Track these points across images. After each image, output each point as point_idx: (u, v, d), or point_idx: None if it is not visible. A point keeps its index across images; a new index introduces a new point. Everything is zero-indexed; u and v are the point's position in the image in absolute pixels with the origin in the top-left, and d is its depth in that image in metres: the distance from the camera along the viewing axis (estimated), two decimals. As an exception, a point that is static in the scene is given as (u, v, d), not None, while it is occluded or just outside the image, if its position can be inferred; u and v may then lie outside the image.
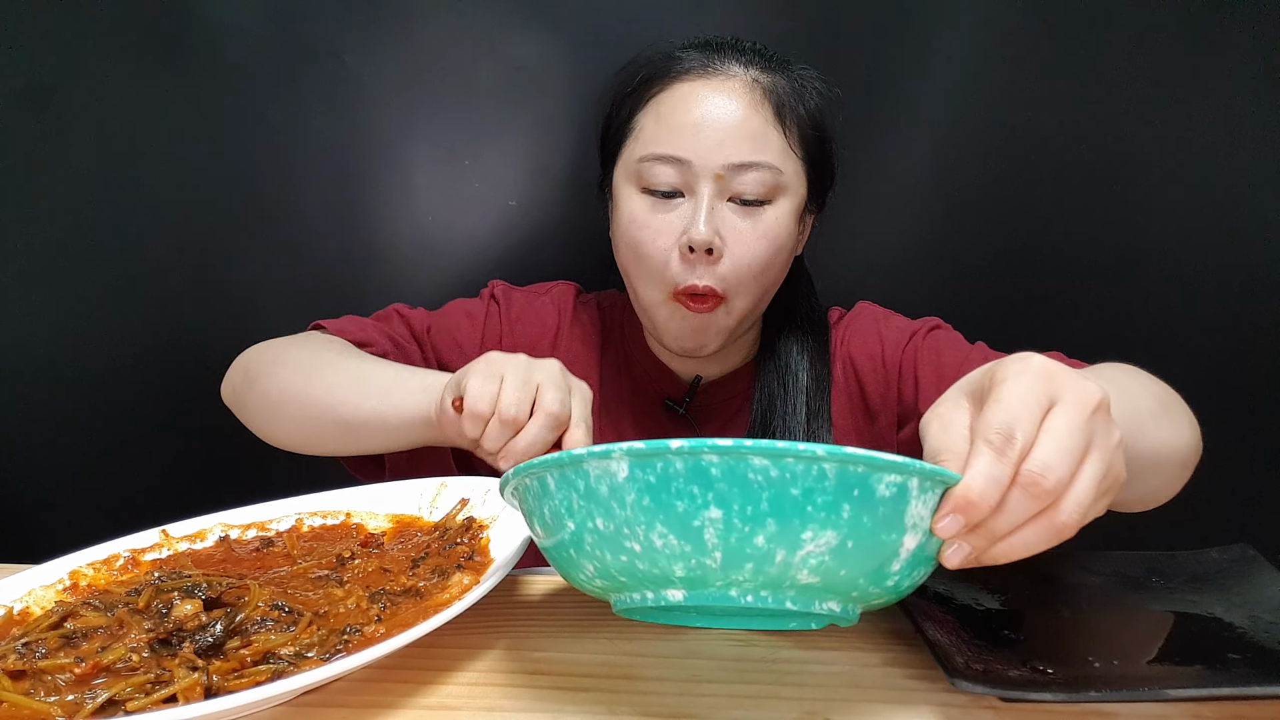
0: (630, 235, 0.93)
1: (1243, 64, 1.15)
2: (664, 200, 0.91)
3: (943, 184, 1.23)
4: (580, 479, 0.51)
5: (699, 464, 0.47)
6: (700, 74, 0.91)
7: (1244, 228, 1.20)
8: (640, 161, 0.92)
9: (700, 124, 0.89)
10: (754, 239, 0.90)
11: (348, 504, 0.85)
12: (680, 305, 0.92)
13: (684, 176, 0.90)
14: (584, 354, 1.08)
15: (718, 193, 0.90)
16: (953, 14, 1.16)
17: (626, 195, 0.94)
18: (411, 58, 1.20)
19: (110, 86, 1.19)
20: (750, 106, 0.89)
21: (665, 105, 0.92)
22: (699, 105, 0.90)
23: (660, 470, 0.48)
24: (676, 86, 0.92)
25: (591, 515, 0.51)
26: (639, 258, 0.93)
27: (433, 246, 1.26)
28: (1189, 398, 1.26)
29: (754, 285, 0.93)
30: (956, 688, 0.57)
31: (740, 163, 0.88)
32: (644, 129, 0.93)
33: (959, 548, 0.50)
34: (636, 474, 0.49)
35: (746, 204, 0.90)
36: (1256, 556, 0.73)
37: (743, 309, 0.94)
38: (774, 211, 0.91)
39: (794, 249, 0.98)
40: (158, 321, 1.29)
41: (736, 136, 0.89)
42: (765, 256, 0.91)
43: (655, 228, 0.91)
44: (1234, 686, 0.57)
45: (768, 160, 0.89)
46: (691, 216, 0.89)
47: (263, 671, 0.56)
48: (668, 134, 0.90)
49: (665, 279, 0.92)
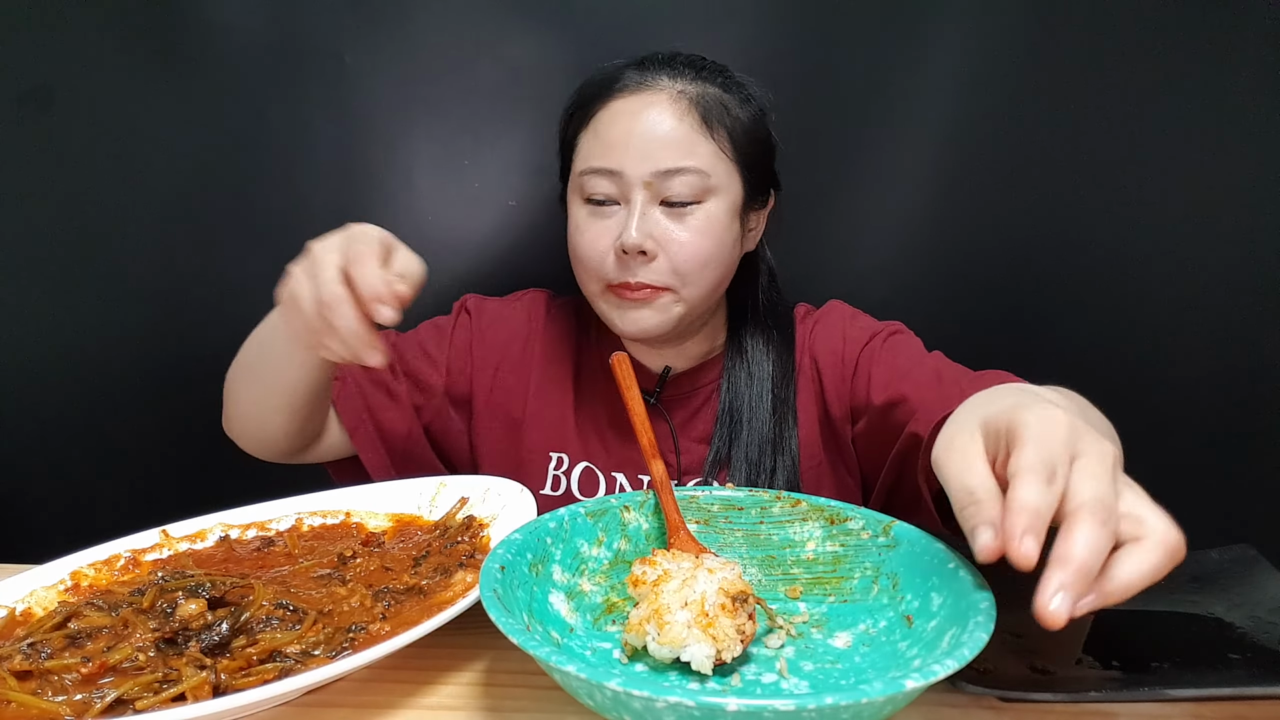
0: (573, 240, 1.02)
1: (1243, 64, 1.15)
2: (602, 208, 0.99)
3: (942, 184, 1.23)
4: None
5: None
6: (633, 91, 0.98)
7: (1244, 228, 1.20)
8: (581, 175, 1.00)
9: (629, 137, 0.96)
10: (687, 238, 0.97)
11: (348, 503, 0.86)
12: (614, 295, 1.00)
13: (618, 186, 0.97)
14: (560, 354, 1.14)
15: (649, 199, 0.97)
16: (953, 14, 1.16)
17: (573, 206, 1.02)
18: (411, 58, 1.20)
19: (111, 86, 1.19)
20: (676, 116, 0.96)
21: (602, 123, 0.99)
22: (628, 120, 0.97)
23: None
24: (611, 104, 0.98)
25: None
26: (579, 259, 1.02)
27: (433, 246, 1.25)
28: (1189, 398, 1.26)
29: (700, 277, 0.99)
30: (957, 688, 0.57)
31: (666, 169, 0.95)
32: (584, 145, 1.01)
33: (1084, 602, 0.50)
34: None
35: (677, 206, 0.97)
36: (1257, 557, 0.73)
37: (692, 297, 1.00)
38: (704, 211, 0.97)
39: (738, 244, 1.04)
40: (158, 321, 1.28)
41: (662, 145, 0.95)
42: (703, 252, 0.98)
43: (594, 233, 0.99)
44: (1234, 687, 0.58)
45: (694, 165, 0.96)
46: (625, 222, 0.96)
47: (270, 670, 0.57)
48: (602, 149, 0.98)
49: (601, 275, 0.99)
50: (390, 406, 1.08)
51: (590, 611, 0.67)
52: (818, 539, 0.71)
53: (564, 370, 1.13)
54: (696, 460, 1.08)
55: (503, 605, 0.55)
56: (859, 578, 0.68)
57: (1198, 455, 1.26)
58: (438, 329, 1.13)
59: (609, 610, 0.68)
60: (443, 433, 1.12)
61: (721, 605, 0.60)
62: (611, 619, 0.68)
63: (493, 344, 1.13)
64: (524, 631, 0.52)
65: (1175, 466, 1.28)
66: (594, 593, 0.69)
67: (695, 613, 0.59)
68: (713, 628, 0.58)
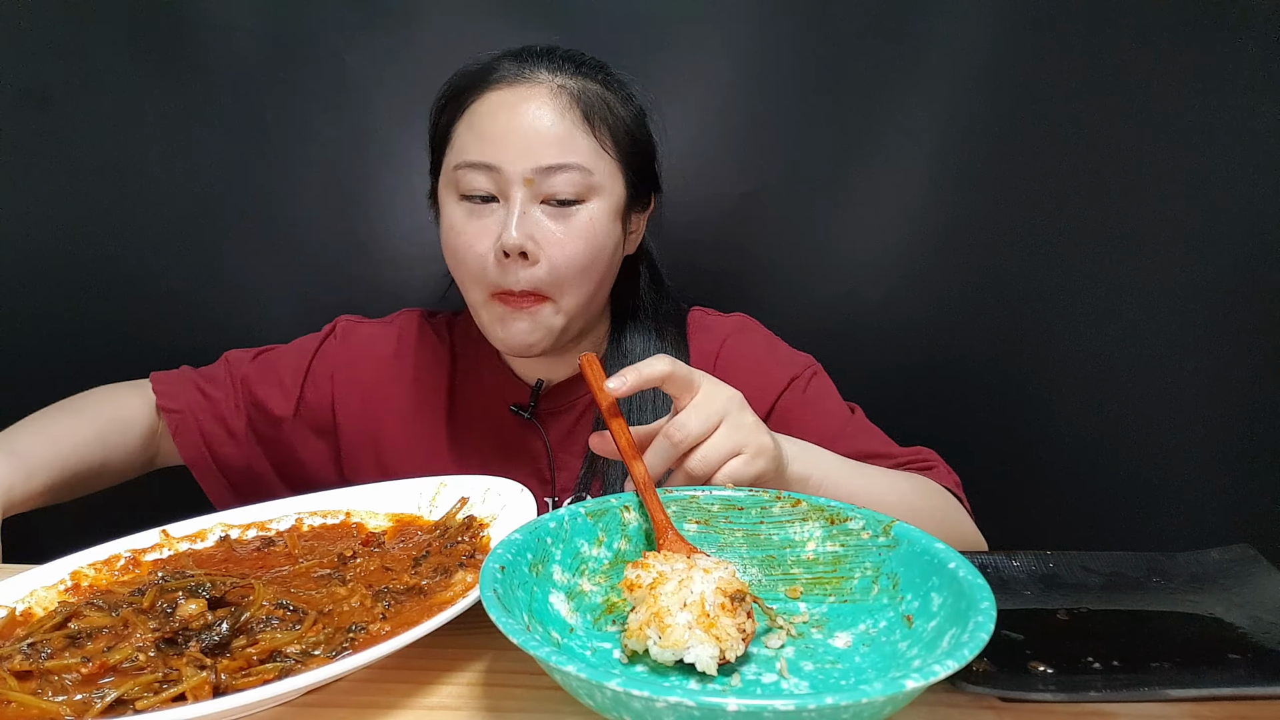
0: (449, 242, 0.97)
1: (1243, 64, 1.15)
2: (480, 205, 0.94)
3: (942, 184, 1.23)
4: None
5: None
6: (511, 82, 0.94)
7: (1244, 228, 1.20)
8: (456, 170, 0.94)
9: (508, 131, 0.92)
10: (569, 239, 0.93)
11: (347, 503, 0.85)
12: (498, 304, 0.95)
13: (496, 182, 0.93)
14: (431, 371, 1.10)
15: (530, 197, 0.92)
16: (953, 14, 1.16)
17: (447, 203, 0.97)
18: (411, 58, 1.20)
19: (110, 86, 1.19)
20: (557, 111, 0.92)
21: (477, 114, 0.94)
22: (507, 113, 0.92)
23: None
24: (488, 95, 0.94)
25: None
26: (458, 263, 0.96)
27: (432, 246, 1.26)
28: (1189, 398, 1.26)
29: (578, 284, 0.95)
30: (957, 688, 0.57)
31: (548, 165, 0.91)
32: (458, 138, 0.96)
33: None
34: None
35: (560, 204, 0.93)
36: (1257, 556, 0.73)
37: (571, 307, 0.96)
38: (587, 211, 0.94)
39: (620, 247, 1.00)
40: (157, 320, 1.29)
41: (544, 141, 0.91)
42: (584, 256, 0.94)
43: (472, 233, 0.94)
44: (1234, 687, 0.57)
45: (576, 161, 0.92)
46: (505, 221, 0.91)
47: (270, 670, 0.56)
48: (478, 142, 0.93)
49: (484, 282, 0.95)
50: (227, 441, 1.06)
51: (590, 611, 0.67)
52: (818, 539, 0.71)
53: (436, 395, 1.09)
54: (574, 477, 1.04)
55: (503, 605, 0.55)
56: (859, 578, 0.68)
57: (1198, 455, 1.26)
58: (299, 354, 1.09)
59: (609, 610, 0.68)
60: (301, 462, 1.09)
61: (721, 605, 0.60)
62: (612, 619, 0.68)
63: (358, 371, 1.09)
64: (524, 631, 0.52)
65: (1175, 466, 1.28)
66: (594, 593, 0.69)
67: (696, 614, 0.59)
68: (715, 628, 0.58)
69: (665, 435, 0.74)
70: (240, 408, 1.06)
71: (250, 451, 1.06)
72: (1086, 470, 1.26)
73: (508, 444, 1.07)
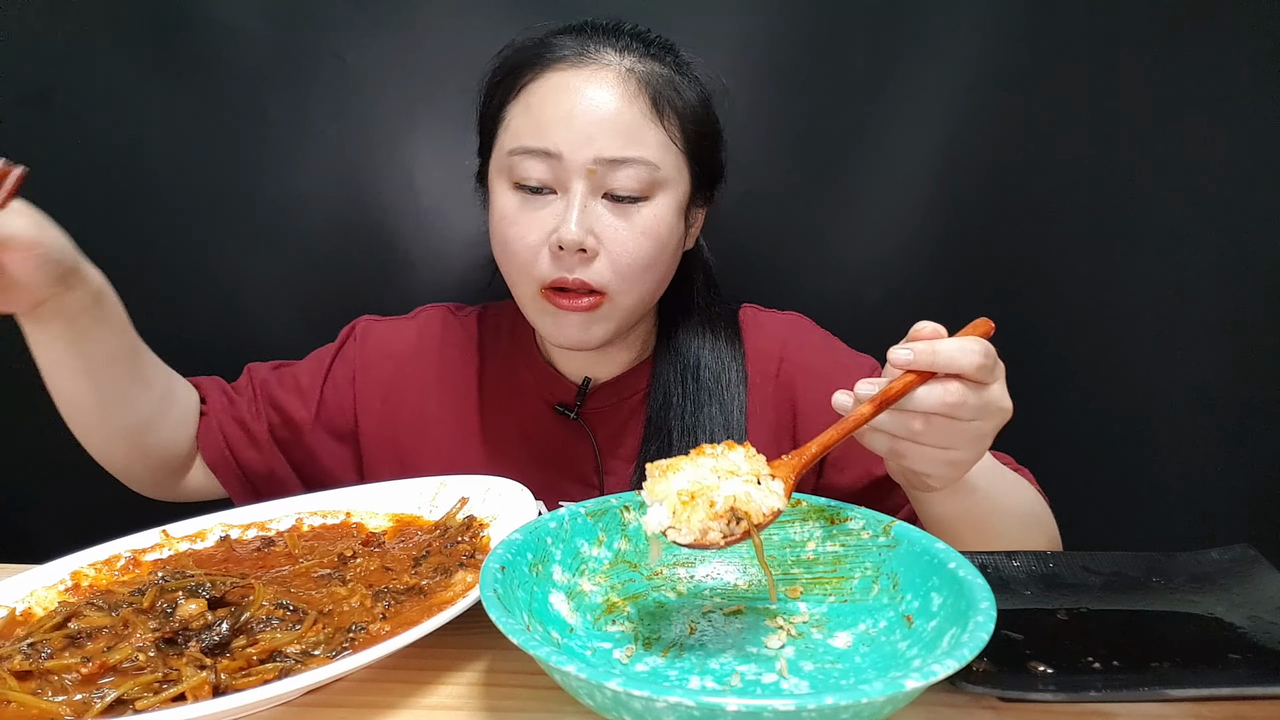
0: (500, 231, 0.90)
1: (1243, 64, 1.15)
2: (534, 196, 0.88)
3: (942, 184, 1.23)
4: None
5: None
6: (573, 63, 0.87)
7: (1244, 228, 1.20)
8: (510, 155, 0.88)
9: (570, 116, 0.85)
10: (632, 237, 0.87)
11: (347, 503, 0.86)
12: (548, 303, 0.89)
13: (554, 172, 0.86)
14: (458, 369, 1.04)
15: (590, 189, 0.86)
16: (953, 15, 1.16)
17: (498, 190, 0.91)
18: (411, 58, 1.20)
19: (112, 86, 1.19)
20: (625, 98, 0.85)
21: (535, 96, 0.87)
22: (570, 96, 0.85)
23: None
24: (548, 76, 0.87)
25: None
26: (508, 254, 0.90)
27: (432, 246, 1.26)
28: (1189, 398, 1.26)
29: (639, 282, 0.89)
30: (957, 688, 0.57)
31: (613, 158, 0.85)
32: (513, 120, 0.89)
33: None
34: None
35: (621, 200, 0.87)
36: (1257, 557, 0.73)
37: (628, 306, 0.91)
38: (652, 209, 0.88)
39: (681, 244, 0.95)
40: (158, 320, 1.28)
41: (609, 130, 0.84)
42: (648, 255, 0.88)
43: (525, 224, 0.88)
44: (1234, 687, 0.58)
45: (643, 155, 0.85)
46: (563, 214, 0.85)
47: (270, 670, 0.57)
48: (536, 126, 0.86)
49: (534, 275, 0.88)
50: (250, 446, 1.01)
51: (590, 611, 0.67)
52: (818, 539, 0.71)
53: (465, 395, 1.03)
54: (623, 483, 0.99)
55: (503, 605, 0.55)
56: (859, 578, 0.68)
57: (1197, 455, 1.26)
58: (317, 360, 1.05)
59: (609, 610, 0.68)
60: (323, 468, 1.04)
61: (711, 502, 0.61)
62: (612, 619, 0.68)
63: (378, 373, 1.03)
64: (524, 631, 0.52)
65: (1175, 466, 1.28)
66: (594, 593, 0.69)
67: (693, 490, 0.61)
68: (687, 509, 0.60)
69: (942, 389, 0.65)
70: (261, 413, 1.02)
71: (272, 458, 1.02)
72: (1086, 470, 1.25)
73: (549, 447, 1.01)
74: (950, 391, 0.65)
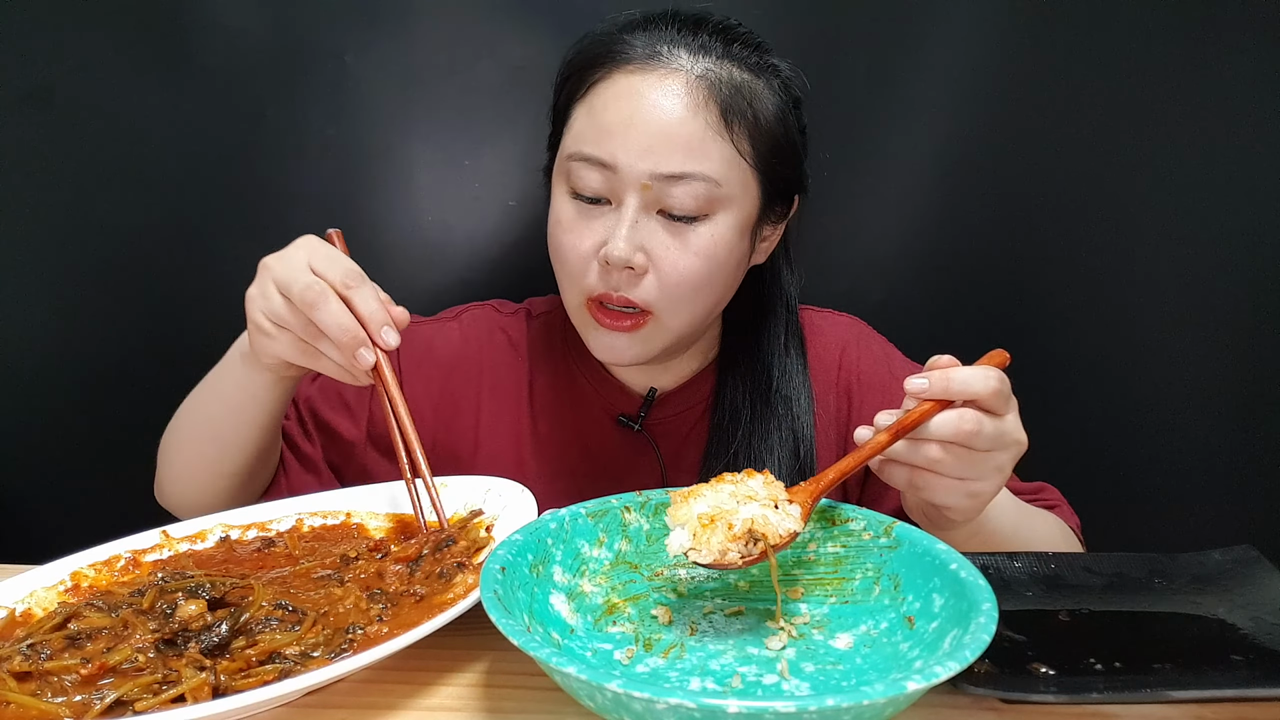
0: (555, 236, 0.88)
1: (1243, 64, 1.15)
2: (589, 206, 0.85)
3: (942, 184, 1.23)
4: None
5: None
6: (642, 64, 0.82)
7: (1244, 228, 1.20)
8: (569, 159, 0.85)
9: (630, 125, 0.80)
10: (684, 256, 0.83)
11: (348, 504, 0.85)
12: (592, 317, 0.87)
13: (609, 182, 0.82)
14: (509, 374, 1.00)
15: (644, 204, 0.82)
16: (953, 14, 1.16)
17: (558, 193, 0.88)
18: (411, 58, 1.20)
19: (111, 86, 1.19)
20: (690, 108, 0.80)
21: (600, 98, 0.83)
22: (631, 103, 0.81)
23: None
24: (615, 77, 0.83)
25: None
26: (559, 261, 0.88)
27: (433, 246, 1.26)
28: (1190, 398, 1.26)
29: (688, 303, 0.85)
30: (959, 689, 0.57)
31: (670, 173, 0.80)
32: (577, 121, 0.85)
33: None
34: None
35: (677, 219, 0.82)
36: (1259, 558, 0.73)
37: (675, 327, 0.87)
38: (709, 229, 0.83)
39: (744, 262, 0.90)
40: (157, 321, 1.28)
41: (669, 142, 0.80)
42: (700, 276, 0.84)
43: (577, 234, 0.85)
44: (1237, 688, 0.57)
45: (703, 172, 0.81)
46: (613, 229, 0.82)
47: (269, 671, 0.56)
48: (595, 133, 0.82)
49: (582, 285, 0.86)
50: (300, 471, 0.97)
51: (591, 612, 0.67)
52: (819, 540, 0.71)
53: (517, 388, 0.99)
54: None
55: (503, 606, 0.55)
56: (860, 579, 0.68)
57: (1198, 455, 1.26)
58: None
59: (610, 611, 0.68)
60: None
61: (729, 525, 0.63)
62: (612, 620, 0.68)
63: (425, 382, 0.98)
64: (524, 632, 0.52)
65: (1175, 466, 1.28)
66: (595, 594, 0.69)
67: (712, 514, 0.64)
68: (707, 531, 0.63)
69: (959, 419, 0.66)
70: (312, 435, 0.97)
71: (321, 480, 0.97)
72: (1087, 471, 1.25)
73: (611, 460, 0.98)
74: (966, 419, 0.66)
